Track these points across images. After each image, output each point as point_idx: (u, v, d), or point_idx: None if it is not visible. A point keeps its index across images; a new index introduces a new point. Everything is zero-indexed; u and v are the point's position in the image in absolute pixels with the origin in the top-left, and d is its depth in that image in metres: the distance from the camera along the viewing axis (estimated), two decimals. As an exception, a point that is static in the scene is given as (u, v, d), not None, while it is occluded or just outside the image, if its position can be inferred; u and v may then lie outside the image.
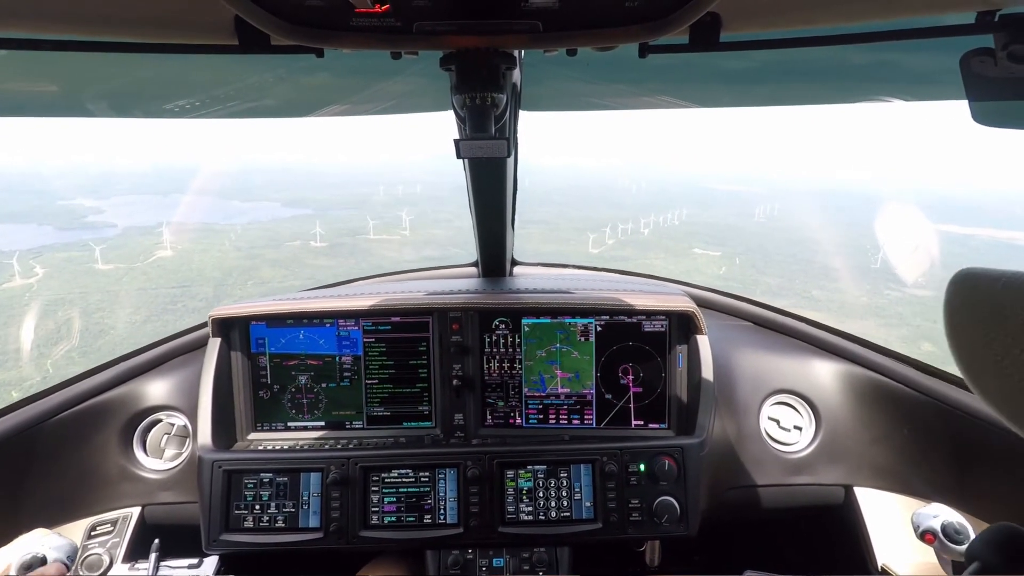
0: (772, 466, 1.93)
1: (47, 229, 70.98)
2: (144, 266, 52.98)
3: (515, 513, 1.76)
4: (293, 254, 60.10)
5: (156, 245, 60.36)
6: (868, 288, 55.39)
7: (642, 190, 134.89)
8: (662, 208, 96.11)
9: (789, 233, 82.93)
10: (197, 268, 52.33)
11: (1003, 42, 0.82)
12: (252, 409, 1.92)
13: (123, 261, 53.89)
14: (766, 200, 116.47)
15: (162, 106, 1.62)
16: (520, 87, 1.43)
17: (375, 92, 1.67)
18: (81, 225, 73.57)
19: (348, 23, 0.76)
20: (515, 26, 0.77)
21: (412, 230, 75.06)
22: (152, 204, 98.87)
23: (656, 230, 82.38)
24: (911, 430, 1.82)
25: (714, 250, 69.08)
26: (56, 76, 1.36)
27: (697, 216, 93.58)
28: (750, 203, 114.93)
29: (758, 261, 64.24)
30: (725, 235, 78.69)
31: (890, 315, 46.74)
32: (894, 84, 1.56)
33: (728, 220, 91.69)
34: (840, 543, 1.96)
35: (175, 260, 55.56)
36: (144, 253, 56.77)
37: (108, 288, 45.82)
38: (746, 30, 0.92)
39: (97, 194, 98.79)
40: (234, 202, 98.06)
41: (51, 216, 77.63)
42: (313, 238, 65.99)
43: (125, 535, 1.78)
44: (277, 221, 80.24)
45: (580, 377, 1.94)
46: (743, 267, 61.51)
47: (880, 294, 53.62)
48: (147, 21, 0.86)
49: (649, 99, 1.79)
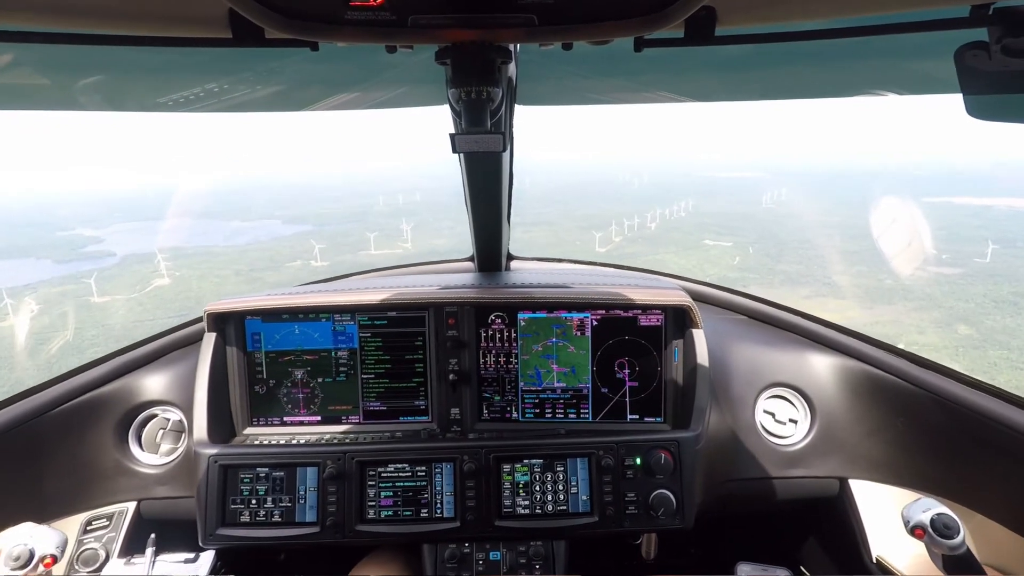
0: (767, 459, 1.92)
1: (45, 263, 69.71)
2: (141, 296, 51.41)
3: (512, 507, 1.76)
4: (294, 275, 58.45)
5: (153, 273, 58.93)
6: (891, 270, 53.07)
7: (644, 183, 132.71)
8: (666, 201, 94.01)
9: (799, 219, 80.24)
10: (195, 295, 50.56)
11: (997, 36, 0.81)
12: (248, 404, 1.92)
13: (120, 292, 52.31)
14: (771, 186, 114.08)
15: (155, 99, 1.60)
16: (516, 81, 1.42)
17: (370, 86, 1.66)
18: (79, 256, 71.90)
19: (343, 16, 0.75)
20: (510, 20, 0.76)
21: (413, 242, 73.50)
22: (152, 230, 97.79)
23: (664, 224, 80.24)
24: (905, 422, 1.82)
25: (725, 240, 66.69)
26: (48, 69, 1.35)
27: (703, 206, 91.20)
28: (754, 190, 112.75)
29: (772, 249, 61.63)
30: (734, 224, 76.13)
31: (920, 297, 44.11)
32: (888, 78, 1.55)
33: (735, 208, 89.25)
34: (835, 535, 1.97)
35: (172, 288, 53.90)
36: (141, 283, 55.34)
37: (104, 322, 44.41)
38: (741, 24, 0.92)
39: (97, 223, 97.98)
40: (234, 222, 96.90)
41: (50, 248, 76.50)
42: (314, 257, 64.60)
43: (121, 530, 1.79)
44: (278, 240, 78.81)
45: (576, 371, 1.93)
46: (757, 256, 59.12)
47: (905, 275, 51.34)
48: (141, 14, 0.86)
49: (645, 93, 1.78)
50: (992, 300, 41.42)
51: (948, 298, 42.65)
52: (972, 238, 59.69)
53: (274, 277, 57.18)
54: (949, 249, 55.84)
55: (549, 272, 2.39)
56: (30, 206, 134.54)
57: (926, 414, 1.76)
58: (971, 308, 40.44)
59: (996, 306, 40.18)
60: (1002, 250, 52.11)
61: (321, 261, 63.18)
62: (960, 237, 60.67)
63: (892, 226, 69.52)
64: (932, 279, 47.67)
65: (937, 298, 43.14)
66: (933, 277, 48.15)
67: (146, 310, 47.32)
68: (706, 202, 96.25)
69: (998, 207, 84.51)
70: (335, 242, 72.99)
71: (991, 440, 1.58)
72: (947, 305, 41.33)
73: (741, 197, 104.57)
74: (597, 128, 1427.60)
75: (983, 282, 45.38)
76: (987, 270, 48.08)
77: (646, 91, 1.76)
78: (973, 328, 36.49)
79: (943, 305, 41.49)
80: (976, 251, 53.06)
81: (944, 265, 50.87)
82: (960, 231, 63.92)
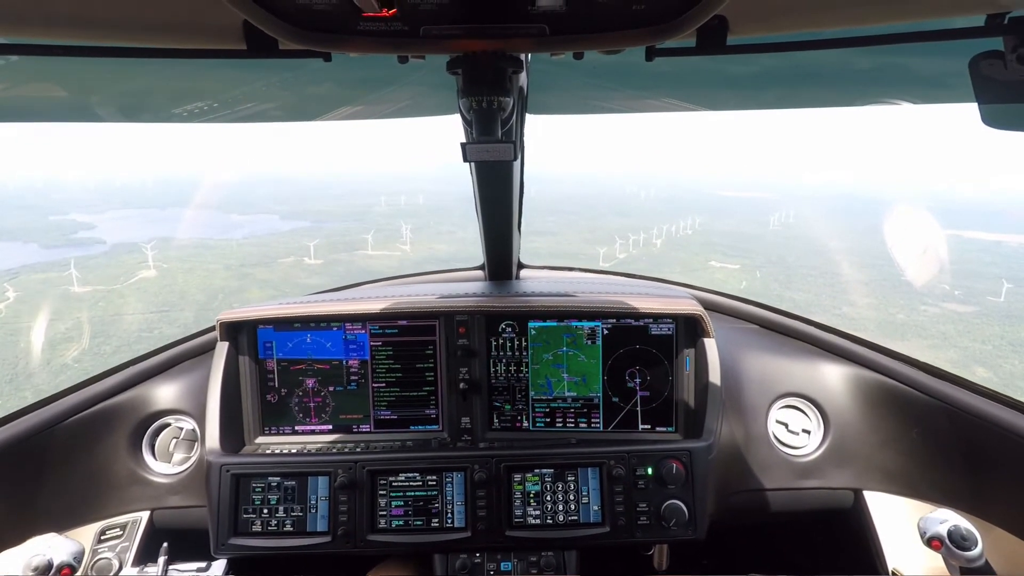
0: (780, 470, 1.90)
1: (32, 247, 67.69)
2: (123, 288, 49.21)
3: (522, 517, 1.75)
4: (285, 273, 56.71)
5: (140, 264, 56.98)
6: (903, 303, 51.01)
7: (651, 196, 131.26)
8: (673, 216, 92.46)
9: (807, 242, 78.70)
10: (180, 289, 48.92)
11: (1012, 45, 0.81)
12: (260, 413, 1.92)
13: (103, 283, 50.28)
14: (778, 206, 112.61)
15: (171, 110, 1.61)
16: (527, 91, 1.42)
17: (382, 96, 1.66)
18: (68, 242, 69.81)
19: (355, 27, 0.75)
20: (522, 29, 0.76)
21: (413, 245, 71.87)
22: (150, 218, 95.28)
23: (669, 241, 78.50)
24: (920, 433, 1.79)
25: (732, 262, 65.13)
26: (65, 81, 1.37)
27: (710, 224, 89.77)
28: (762, 210, 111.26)
29: (779, 274, 60.25)
30: (741, 245, 74.68)
31: (933, 335, 42.28)
32: (902, 87, 1.53)
33: (742, 229, 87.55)
34: (849, 547, 1.94)
35: (158, 281, 51.87)
36: (126, 274, 53.42)
37: (82, 314, 42.41)
38: (753, 33, 0.92)
39: (92, 208, 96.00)
40: (233, 215, 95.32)
41: (39, 232, 74.28)
42: (308, 254, 62.77)
43: (134, 539, 1.79)
44: (274, 235, 77.26)
45: (587, 380, 1.92)
46: (765, 281, 57.54)
47: (917, 310, 49.29)
48: (156, 26, 0.87)
49: (656, 102, 1.78)
50: (1009, 343, 39.81)
51: (963, 337, 41.03)
52: (984, 275, 57.82)
53: (264, 274, 55.55)
54: (961, 285, 54.06)
55: (559, 281, 2.38)
56: (25, 188, 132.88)
57: (941, 425, 1.73)
58: (988, 350, 38.77)
59: (1013, 349, 38.59)
60: (1016, 289, 50.22)
61: (315, 259, 61.37)
62: (972, 273, 58.84)
63: (904, 257, 67.77)
64: (945, 316, 45.82)
65: (952, 337, 41.42)
66: (946, 314, 46.27)
67: (127, 303, 45.27)
68: (713, 220, 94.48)
69: (1008, 243, 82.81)
70: (331, 240, 71.29)
71: (1008, 451, 1.56)
72: (962, 345, 39.69)
73: (748, 217, 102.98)
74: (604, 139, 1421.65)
75: (999, 322, 43.69)
76: (1002, 310, 46.79)
77: (657, 100, 1.75)
78: (991, 372, 34.85)
79: (958, 345, 39.84)
80: (989, 289, 51.26)
81: (957, 302, 49.10)
82: (971, 267, 62.20)
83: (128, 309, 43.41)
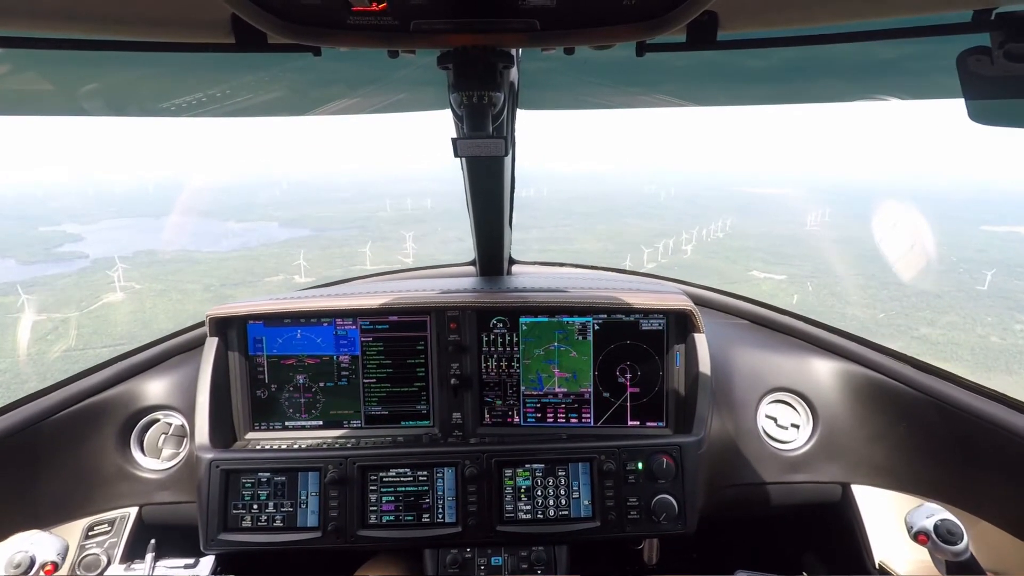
0: (770, 464, 1.92)
1: (9, 263, 62.80)
2: (83, 316, 43.85)
3: (513, 512, 1.76)
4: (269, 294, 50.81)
5: (108, 285, 51.42)
6: (991, 320, 43.29)
7: (670, 195, 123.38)
8: (700, 218, 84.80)
9: (853, 245, 70.63)
10: (147, 317, 43.32)
11: (999, 40, 0.81)
12: (250, 409, 1.91)
13: (60, 309, 44.93)
14: (808, 203, 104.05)
15: (159, 104, 1.61)
16: (518, 86, 1.42)
17: (373, 90, 1.66)
18: (48, 257, 64.97)
19: (345, 21, 0.75)
20: (512, 24, 0.76)
21: (416, 257, 65.65)
22: (143, 228, 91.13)
23: (700, 246, 71.51)
24: (908, 427, 1.81)
25: (776, 272, 57.55)
26: (52, 74, 1.35)
27: (740, 226, 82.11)
28: (792, 208, 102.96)
29: (834, 285, 52.60)
30: (779, 249, 67.12)
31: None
32: (890, 83, 1.54)
33: (776, 229, 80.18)
34: (838, 541, 1.95)
35: (122, 307, 46.55)
36: (90, 297, 47.90)
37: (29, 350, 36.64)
38: (743, 29, 0.92)
39: (85, 218, 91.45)
40: (230, 222, 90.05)
41: (21, 246, 69.35)
42: (299, 272, 56.75)
43: (123, 535, 1.78)
44: (268, 246, 72.09)
45: (578, 376, 1.93)
46: (819, 294, 49.96)
47: (1011, 330, 41.60)
48: (144, 19, 0.86)
49: (647, 98, 1.78)
50: None
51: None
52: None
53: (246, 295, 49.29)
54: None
55: (551, 276, 2.37)
56: (24, 196, 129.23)
57: (929, 419, 1.75)
58: None
59: None
60: None
61: (306, 277, 55.22)
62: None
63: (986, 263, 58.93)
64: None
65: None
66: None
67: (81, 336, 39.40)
68: (744, 221, 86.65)
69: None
70: (328, 252, 65.39)
71: (994, 445, 1.57)
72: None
73: (780, 216, 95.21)
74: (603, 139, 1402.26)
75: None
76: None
77: (648, 96, 1.76)
78: None
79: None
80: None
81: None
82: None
83: (79, 344, 37.49)
